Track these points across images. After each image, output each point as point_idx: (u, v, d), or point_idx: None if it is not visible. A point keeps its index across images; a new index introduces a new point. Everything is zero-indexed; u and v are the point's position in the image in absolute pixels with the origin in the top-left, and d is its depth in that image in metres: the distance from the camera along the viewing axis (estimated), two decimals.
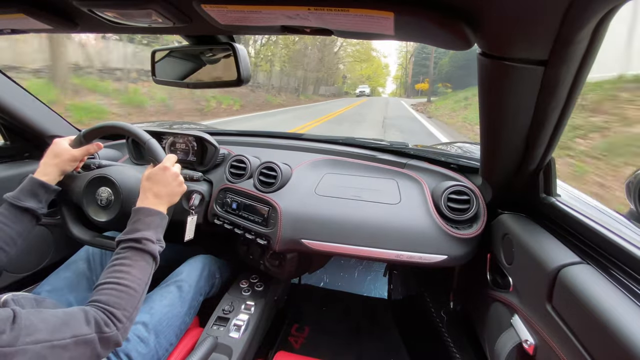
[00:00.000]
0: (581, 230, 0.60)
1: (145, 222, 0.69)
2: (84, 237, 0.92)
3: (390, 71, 79.08)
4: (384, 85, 74.16)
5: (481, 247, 0.86)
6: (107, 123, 0.88)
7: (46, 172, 0.79)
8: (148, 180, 0.76)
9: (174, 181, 0.79)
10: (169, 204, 0.77)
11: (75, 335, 0.51)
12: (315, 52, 27.71)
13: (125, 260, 0.63)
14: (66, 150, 0.83)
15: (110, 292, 0.59)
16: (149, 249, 0.66)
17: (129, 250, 0.65)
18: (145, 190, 0.75)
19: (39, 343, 0.46)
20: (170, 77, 0.81)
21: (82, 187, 0.91)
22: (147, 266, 0.66)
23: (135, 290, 0.61)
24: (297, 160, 1.09)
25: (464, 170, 0.98)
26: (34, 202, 0.75)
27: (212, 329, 1.00)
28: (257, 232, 1.00)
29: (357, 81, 55.73)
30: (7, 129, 1.15)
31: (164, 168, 0.78)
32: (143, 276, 0.64)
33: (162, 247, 0.71)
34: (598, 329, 0.43)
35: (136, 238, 0.66)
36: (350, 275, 1.75)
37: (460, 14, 0.39)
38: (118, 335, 0.56)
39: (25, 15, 0.54)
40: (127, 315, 0.59)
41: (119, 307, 0.58)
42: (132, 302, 0.60)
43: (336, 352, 1.31)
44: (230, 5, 0.45)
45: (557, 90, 0.49)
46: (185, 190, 0.83)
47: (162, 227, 0.73)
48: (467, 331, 1.06)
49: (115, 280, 0.60)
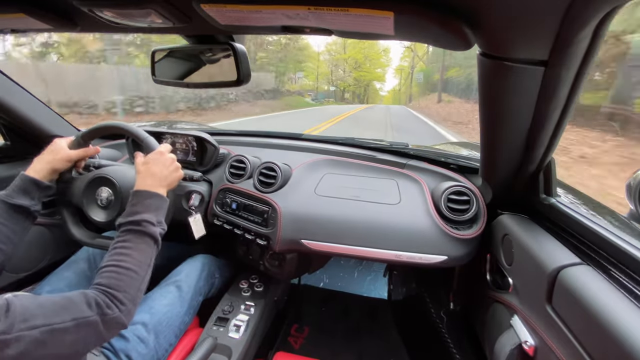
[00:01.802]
0: (581, 231, 0.60)
1: (145, 204, 0.69)
2: (85, 238, 0.92)
3: (392, 58, 52.56)
4: (383, 79, 46.10)
5: (481, 248, 0.86)
6: (104, 123, 0.88)
7: (37, 169, 0.78)
8: (144, 164, 0.76)
9: (171, 165, 0.79)
10: (167, 188, 0.77)
11: (75, 317, 0.50)
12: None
13: (126, 243, 0.63)
14: (62, 149, 0.82)
15: (111, 275, 0.58)
16: (149, 231, 0.66)
17: (129, 233, 0.65)
18: (142, 174, 0.74)
19: (36, 328, 0.46)
20: (170, 77, 0.81)
21: (82, 188, 0.91)
22: (148, 248, 0.65)
23: (136, 273, 0.61)
24: (297, 160, 1.09)
25: (463, 171, 0.98)
26: (26, 200, 0.74)
27: (212, 329, 1.00)
28: (256, 232, 1.00)
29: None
30: (7, 129, 1.15)
31: (159, 152, 0.78)
32: (144, 258, 0.64)
33: (163, 229, 0.70)
34: (598, 330, 0.43)
35: (136, 220, 0.66)
36: (350, 276, 1.75)
37: (460, 14, 0.39)
38: (121, 317, 0.56)
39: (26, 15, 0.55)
40: (129, 297, 0.58)
41: (120, 289, 0.57)
42: (134, 284, 0.60)
43: (336, 352, 1.30)
44: (229, 5, 0.45)
45: (557, 91, 0.49)
46: (182, 176, 0.83)
47: (162, 209, 0.72)
48: (467, 332, 1.06)
49: (116, 263, 0.60)
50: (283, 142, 1.23)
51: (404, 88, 42.52)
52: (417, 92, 33.45)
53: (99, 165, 0.98)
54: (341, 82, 40.00)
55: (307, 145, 1.18)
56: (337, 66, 39.51)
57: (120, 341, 0.75)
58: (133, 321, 0.79)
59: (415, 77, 32.28)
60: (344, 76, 39.67)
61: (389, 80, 54.63)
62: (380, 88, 51.07)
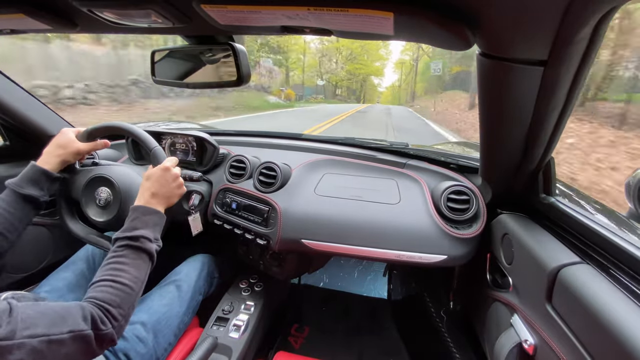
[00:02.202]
0: (581, 230, 0.60)
1: (143, 220, 0.69)
2: (80, 232, 0.92)
3: (392, 51, 41.76)
4: (381, 74, 41.52)
5: (481, 247, 0.86)
6: (115, 123, 0.88)
7: (48, 161, 0.79)
8: (148, 179, 0.76)
9: (174, 182, 0.79)
10: (166, 205, 0.77)
11: (72, 330, 0.50)
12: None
13: (122, 259, 0.63)
14: (72, 142, 0.83)
15: (106, 290, 0.58)
16: (146, 247, 0.66)
17: (126, 248, 0.65)
18: (144, 189, 0.75)
19: (36, 337, 0.46)
20: (169, 77, 0.81)
21: (82, 184, 0.91)
22: (144, 265, 0.65)
23: (131, 289, 0.61)
24: (297, 160, 1.09)
25: (463, 170, 0.98)
26: (36, 190, 0.75)
27: (212, 329, 1.00)
28: (256, 232, 1.00)
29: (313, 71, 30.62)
30: (7, 129, 1.15)
31: (164, 168, 0.78)
32: (140, 274, 0.64)
33: (159, 246, 0.71)
34: (598, 329, 0.43)
35: (134, 236, 0.66)
36: (350, 275, 1.75)
37: (460, 14, 0.39)
38: (113, 334, 0.56)
39: (25, 16, 0.54)
40: (122, 314, 0.58)
41: (115, 305, 0.57)
42: (128, 301, 0.60)
43: (336, 352, 1.30)
44: (229, 5, 0.45)
45: (556, 90, 0.49)
46: (184, 193, 0.83)
47: (160, 226, 0.73)
48: (467, 331, 1.06)
49: (112, 278, 0.60)
50: (283, 142, 1.23)
51: (405, 84, 36.90)
52: (422, 89, 27.91)
53: (97, 163, 0.98)
54: (332, 75, 34.18)
55: (306, 145, 1.18)
56: (327, 56, 33.37)
57: (119, 340, 0.75)
58: (132, 321, 0.79)
59: (431, 68, 21.78)
60: (335, 69, 33.80)
61: (388, 76, 49.45)
62: (379, 84, 46.16)
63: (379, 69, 39.49)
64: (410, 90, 32.26)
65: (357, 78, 37.51)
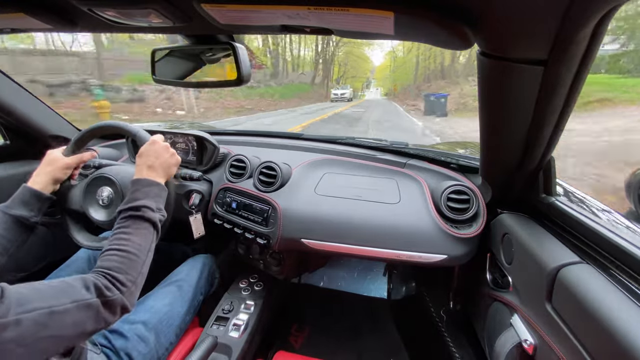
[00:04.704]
0: (581, 230, 0.60)
1: (143, 191, 0.70)
2: (89, 242, 0.92)
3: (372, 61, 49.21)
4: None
5: (481, 247, 0.86)
6: (95, 125, 0.88)
7: (38, 181, 0.79)
8: (140, 156, 0.77)
9: (166, 152, 0.79)
10: (165, 176, 0.78)
11: (75, 300, 0.50)
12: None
13: (126, 229, 0.64)
14: (58, 158, 0.83)
15: (111, 258, 0.59)
16: (149, 216, 0.67)
17: (129, 218, 0.65)
18: (139, 166, 0.75)
19: (35, 311, 0.46)
20: (170, 76, 0.81)
21: (81, 191, 0.91)
22: (147, 233, 0.66)
23: (136, 256, 0.61)
24: (297, 159, 1.09)
25: (463, 170, 0.98)
26: (25, 211, 0.75)
27: (212, 328, 1.00)
28: (256, 231, 1.00)
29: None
30: (7, 128, 1.15)
31: (152, 142, 0.79)
32: (144, 243, 0.64)
33: (163, 216, 0.71)
34: (597, 329, 0.43)
35: (135, 206, 0.66)
36: (350, 275, 1.75)
37: (460, 14, 0.39)
38: (123, 299, 0.56)
39: (25, 15, 0.54)
40: (131, 280, 0.58)
41: (121, 271, 0.58)
42: (134, 267, 0.60)
43: (336, 351, 1.30)
44: (230, 4, 0.45)
45: (556, 90, 0.49)
46: (179, 161, 0.83)
47: (161, 197, 0.73)
48: (466, 331, 1.06)
49: (116, 247, 0.61)
50: (283, 142, 1.23)
51: (397, 74, 34.78)
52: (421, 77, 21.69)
53: (99, 165, 0.98)
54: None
55: (307, 144, 1.18)
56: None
57: (121, 340, 0.75)
58: (133, 320, 0.79)
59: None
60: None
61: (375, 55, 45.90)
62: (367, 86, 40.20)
63: (364, 76, 33.74)
64: (403, 82, 26.80)
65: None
